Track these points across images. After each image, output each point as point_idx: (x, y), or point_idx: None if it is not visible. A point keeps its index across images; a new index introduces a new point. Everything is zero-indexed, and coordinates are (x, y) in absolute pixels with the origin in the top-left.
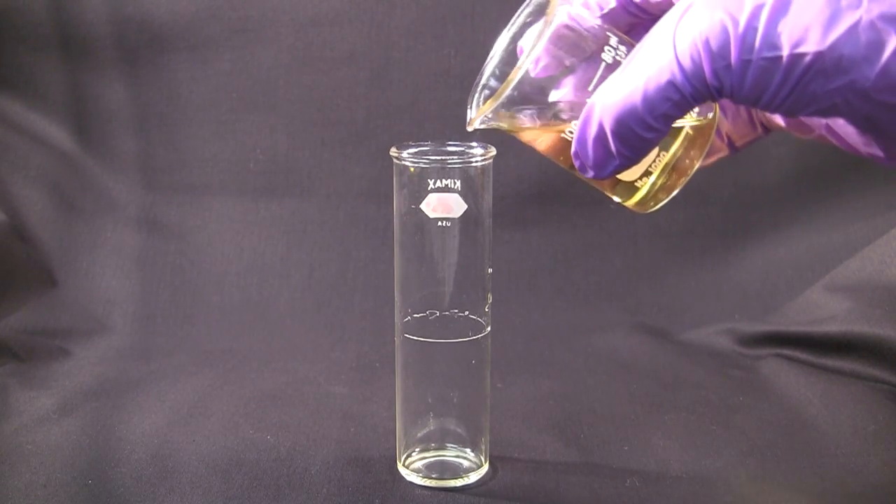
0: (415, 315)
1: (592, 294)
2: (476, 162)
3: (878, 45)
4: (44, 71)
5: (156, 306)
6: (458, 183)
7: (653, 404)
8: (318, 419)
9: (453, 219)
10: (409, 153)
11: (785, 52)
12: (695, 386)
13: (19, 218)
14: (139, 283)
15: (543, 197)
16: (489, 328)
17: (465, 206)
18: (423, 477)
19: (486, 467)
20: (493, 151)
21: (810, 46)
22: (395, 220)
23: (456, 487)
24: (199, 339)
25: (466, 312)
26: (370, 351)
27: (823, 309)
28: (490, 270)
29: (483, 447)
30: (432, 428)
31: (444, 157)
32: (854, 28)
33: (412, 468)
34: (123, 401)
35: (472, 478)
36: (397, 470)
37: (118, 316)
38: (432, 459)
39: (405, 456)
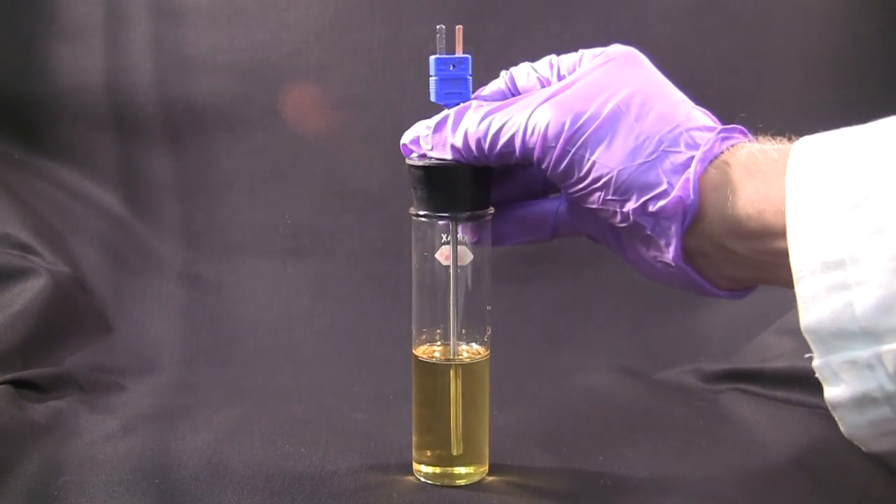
0: (427, 343)
1: (577, 341)
2: (479, 219)
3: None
4: (99, 146)
5: (197, 349)
6: (466, 236)
7: (626, 426)
8: (343, 437)
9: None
10: (424, 211)
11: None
12: (662, 413)
13: (80, 272)
14: (183, 330)
15: (534, 257)
16: (489, 353)
17: (471, 256)
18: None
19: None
20: (492, 210)
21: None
22: (412, 266)
23: (460, 485)
24: (236, 376)
25: (470, 342)
26: (385, 387)
27: (774, 349)
28: (489, 307)
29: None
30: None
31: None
32: (644, 164)
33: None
34: (176, 423)
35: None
36: (412, 473)
37: (165, 357)
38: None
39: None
